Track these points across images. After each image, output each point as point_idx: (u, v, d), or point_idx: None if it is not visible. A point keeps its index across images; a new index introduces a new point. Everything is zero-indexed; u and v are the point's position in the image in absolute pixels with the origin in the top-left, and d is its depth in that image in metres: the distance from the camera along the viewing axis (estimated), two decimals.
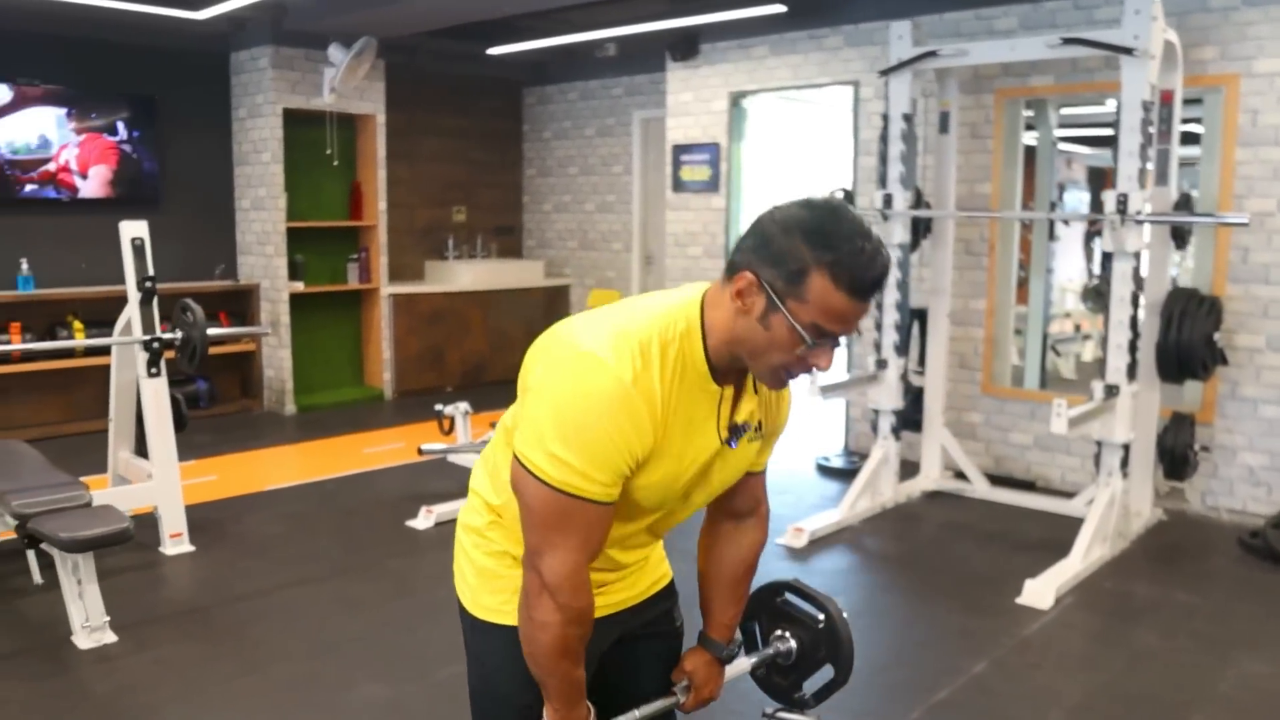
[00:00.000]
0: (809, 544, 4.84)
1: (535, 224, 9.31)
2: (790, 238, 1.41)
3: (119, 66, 7.02)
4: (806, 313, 1.41)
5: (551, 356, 1.49)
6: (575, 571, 1.49)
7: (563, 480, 1.43)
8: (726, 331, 1.48)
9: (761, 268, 1.42)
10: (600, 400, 1.41)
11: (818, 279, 1.39)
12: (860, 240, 1.40)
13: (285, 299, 7.42)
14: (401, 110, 8.29)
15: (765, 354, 1.47)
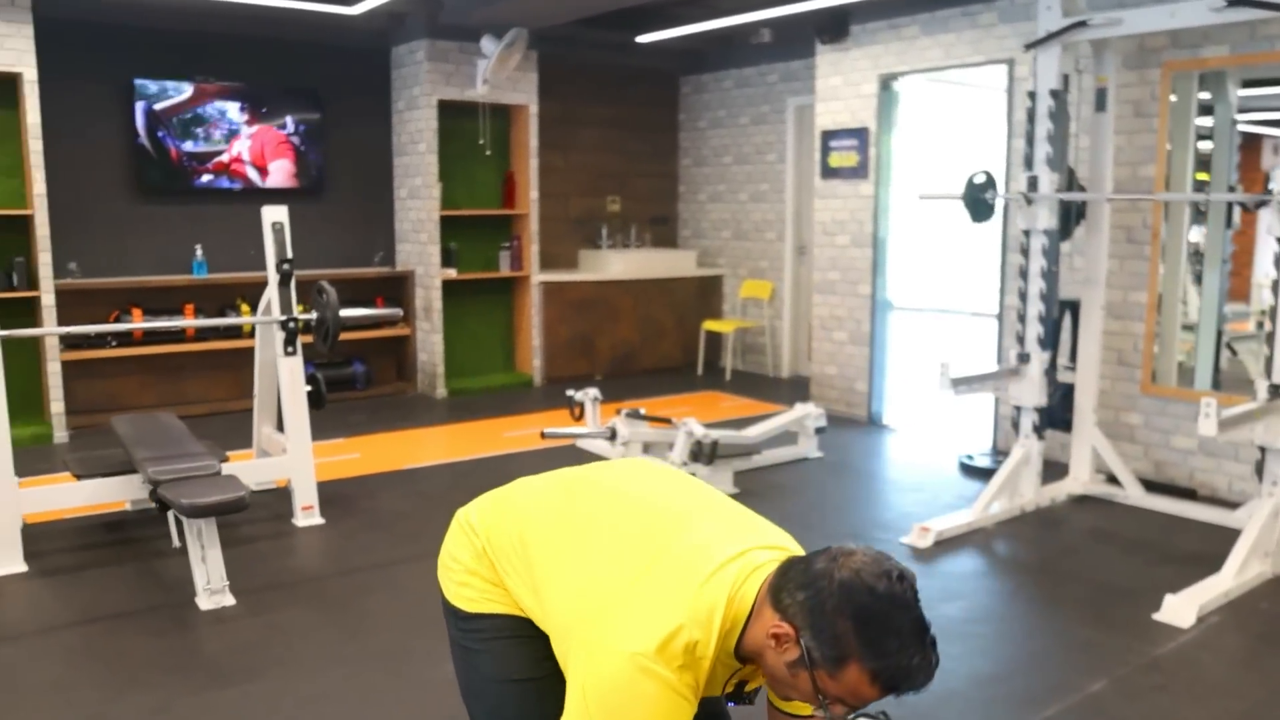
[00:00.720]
0: (935, 545, 4.60)
1: (690, 214, 9.25)
2: (844, 620, 1.38)
3: (289, 63, 7.40)
4: (835, 690, 1.41)
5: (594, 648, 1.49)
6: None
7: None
8: (756, 647, 1.49)
9: (805, 631, 1.41)
10: (648, 704, 1.44)
11: (855, 671, 1.38)
12: (913, 651, 1.38)
13: (438, 285, 7.65)
14: (556, 100, 8.40)
15: (783, 688, 1.49)
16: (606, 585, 1.56)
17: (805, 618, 1.40)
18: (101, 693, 3.25)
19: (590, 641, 1.50)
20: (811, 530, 4.79)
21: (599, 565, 1.60)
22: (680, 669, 1.44)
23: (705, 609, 1.47)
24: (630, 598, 1.51)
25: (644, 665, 1.43)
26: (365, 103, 7.78)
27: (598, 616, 1.52)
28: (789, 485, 5.56)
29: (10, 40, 6.02)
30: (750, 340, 8.81)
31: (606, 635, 1.48)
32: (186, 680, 3.30)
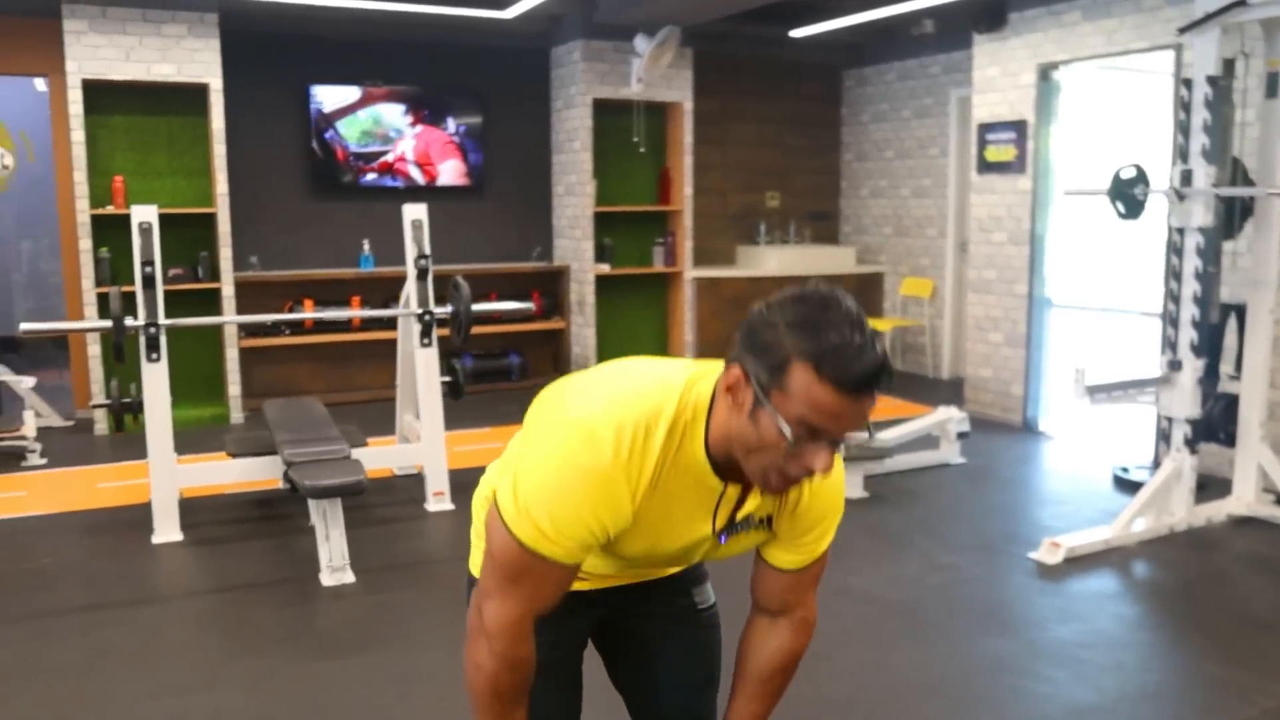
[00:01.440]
0: (1065, 562, 4.35)
1: (852, 210, 9.07)
2: (774, 329, 1.31)
3: (454, 67, 7.72)
4: (792, 407, 1.30)
5: (547, 415, 1.47)
6: (518, 623, 1.48)
7: (528, 537, 1.41)
8: (723, 429, 1.41)
9: (747, 360, 1.34)
10: (579, 474, 1.39)
11: (799, 371, 1.29)
12: (849, 330, 1.29)
13: (591, 280, 7.81)
14: (713, 97, 8.40)
15: (756, 454, 1.37)
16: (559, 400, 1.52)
17: (744, 345, 1.34)
18: (219, 656, 3.52)
19: (541, 415, 1.48)
20: (933, 538, 4.64)
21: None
22: (625, 446, 1.39)
23: (663, 401, 1.42)
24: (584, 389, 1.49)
25: (584, 428, 1.39)
26: (526, 102, 8.01)
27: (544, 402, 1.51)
28: (922, 491, 5.39)
29: (200, 54, 6.55)
30: (910, 340, 8.56)
31: (556, 409, 1.46)
32: (296, 650, 3.53)
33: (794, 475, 1.37)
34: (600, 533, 1.42)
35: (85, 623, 3.77)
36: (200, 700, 3.18)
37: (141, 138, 6.74)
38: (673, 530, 1.50)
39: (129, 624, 3.77)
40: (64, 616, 3.83)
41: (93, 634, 3.67)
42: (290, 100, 7.28)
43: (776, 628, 1.72)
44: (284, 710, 3.12)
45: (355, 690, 3.24)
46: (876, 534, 4.73)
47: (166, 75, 6.50)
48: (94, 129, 6.58)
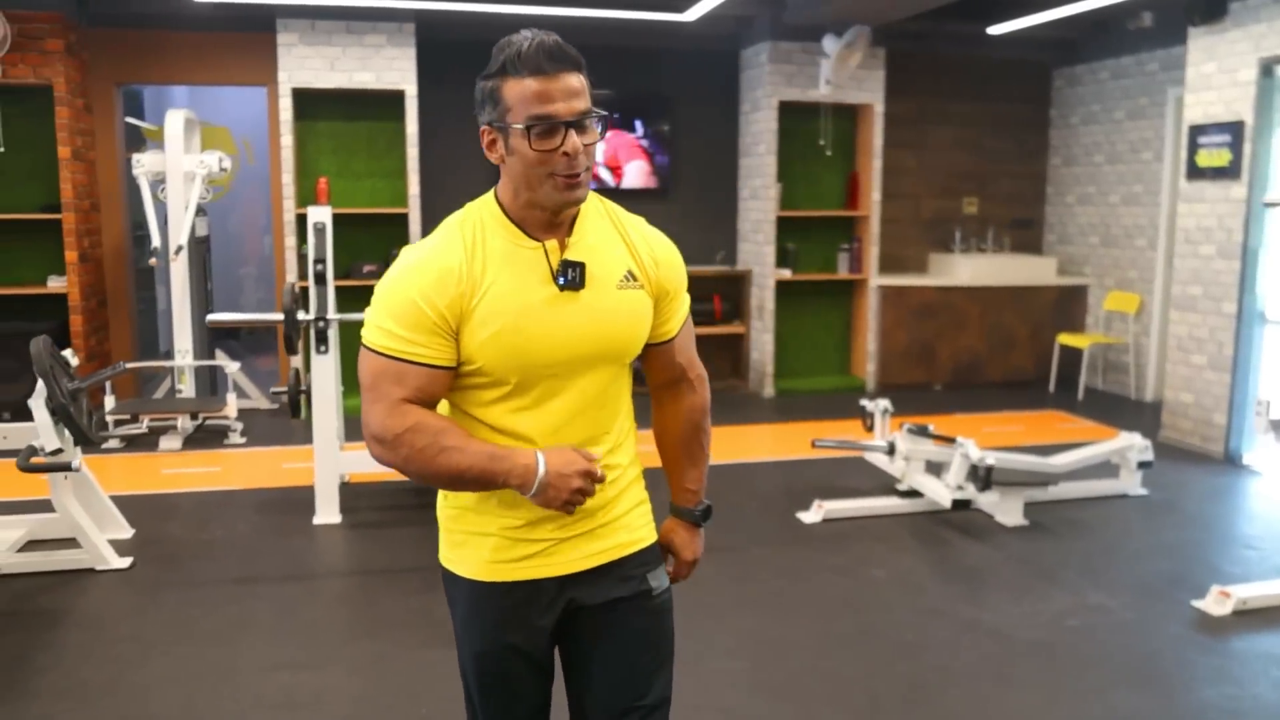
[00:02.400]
0: (1234, 614, 3.93)
1: (1057, 218, 8.52)
2: (482, 80, 1.61)
3: (643, 70, 7.79)
4: (517, 115, 1.56)
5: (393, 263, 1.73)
6: (391, 409, 1.60)
7: (384, 344, 1.61)
8: (510, 188, 1.65)
9: (481, 115, 1.62)
10: (403, 273, 1.62)
11: (506, 84, 1.57)
12: (518, 40, 1.57)
13: (771, 285, 7.71)
14: (909, 98, 8.11)
15: (532, 174, 1.59)
16: None
17: (477, 111, 1.62)
18: (340, 636, 3.73)
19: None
20: (1088, 575, 4.31)
21: None
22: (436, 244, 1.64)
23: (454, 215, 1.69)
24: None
25: (405, 251, 1.67)
26: (714, 105, 8.01)
27: None
28: (1088, 523, 5.00)
29: (397, 62, 6.94)
30: (1114, 358, 7.96)
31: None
32: (409, 637, 3.68)
33: (567, 169, 1.59)
34: (435, 308, 1.58)
35: (234, 594, 4.08)
36: (309, 678, 3.37)
37: (344, 142, 7.21)
38: (515, 299, 1.62)
39: (271, 598, 4.05)
40: (219, 586, 4.16)
41: (238, 604, 3.97)
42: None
43: (679, 392, 1.91)
44: (382, 694, 3.27)
45: (453, 681, 3.34)
46: (1025, 565, 4.43)
47: (366, 83, 6.92)
48: (302, 134, 7.11)
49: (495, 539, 1.72)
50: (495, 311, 1.61)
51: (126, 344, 7.34)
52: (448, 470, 1.59)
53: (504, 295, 1.61)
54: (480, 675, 1.79)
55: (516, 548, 1.71)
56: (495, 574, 1.73)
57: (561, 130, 1.57)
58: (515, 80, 1.56)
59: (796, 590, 4.18)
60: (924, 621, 3.87)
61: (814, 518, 4.98)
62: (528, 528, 1.71)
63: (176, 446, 6.24)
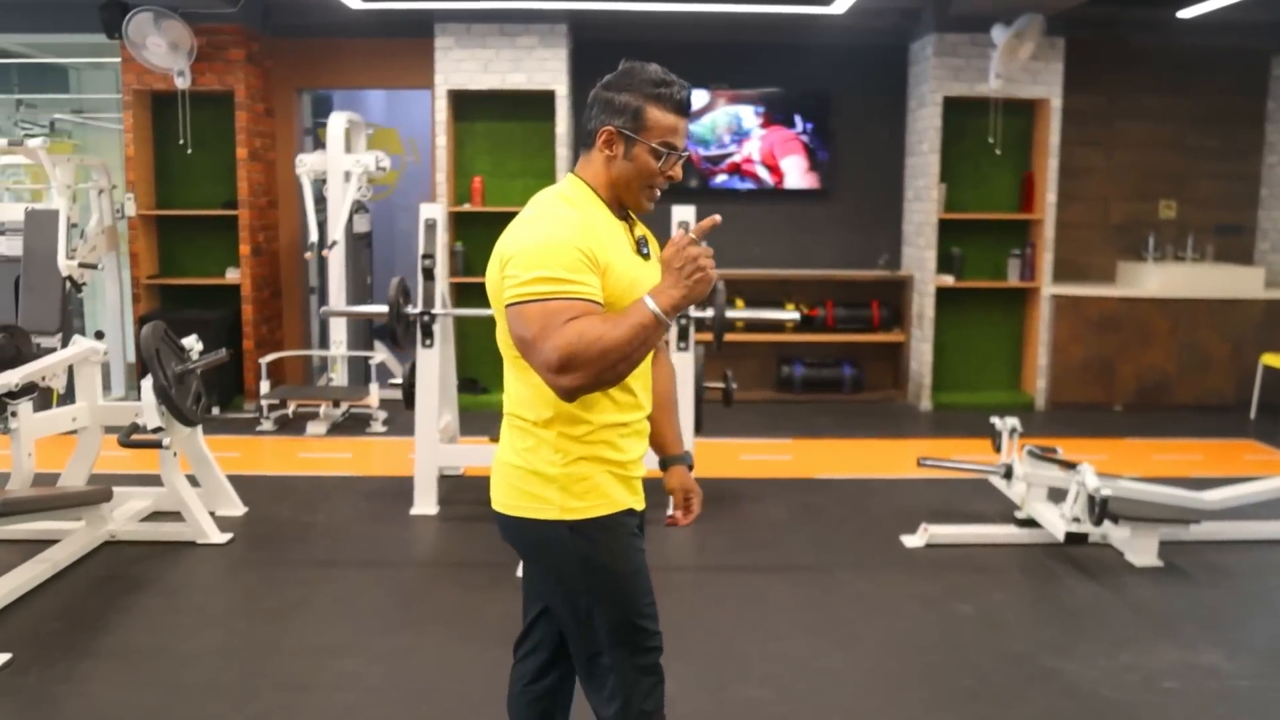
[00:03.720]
0: None
1: (1272, 223, 7.58)
2: (621, 93, 1.95)
3: (804, 66, 7.54)
4: (653, 135, 1.95)
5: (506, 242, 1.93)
6: (564, 330, 1.77)
7: (550, 290, 1.81)
8: (605, 178, 1.99)
9: (613, 121, 1.95)
10: (549, 229, 1.87)
11: (650, 109, 1.94)
12: (663, 76, 1.96)
13: (932, 292, 7.27)
14: (1096, 92, 7.47)
15: (636, 178, 1.97)
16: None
17: (605, 113, 1.96)
18: (385, 624, 3.78)
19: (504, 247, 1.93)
20: (1211, 630, 3.79)
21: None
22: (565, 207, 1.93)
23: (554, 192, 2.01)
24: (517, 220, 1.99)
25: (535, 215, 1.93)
26: (879, 102, 7.64)
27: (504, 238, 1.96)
28: (1237, 570, 4.39)
29: (548, 63, 7.02)
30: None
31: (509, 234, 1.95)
32: (449, 631, 3.68)
33: (661, 187, 2.00)
34: (589, 251, 1.85)
35: (308, 576, 4.22)
36: (342, 664, 3.42)
37: (498, 141, 7.36)
38: (623, 263, 1.93)
39: (340, 582, 4.16)
40: (297, 568, 4.32)
41: (307, 586, 4.10)
42: None
43: (659, 358, 2.26)
44: (404, 684, 3.28)
45: (475, 678, 3.31)
46: (1139, 614, 3.93)
47: (518, 84, 7.04)
48: (461, 134, 7.32)
49: (612, 479, 2.01)
50: (619, 265, 1.92)
51: (297, 333, 7.81)
52: (615, 342, 1.77)
53: (619, 255, 1.93)
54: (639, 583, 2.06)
55: (630, 484, 2.04)
56: (624, 504, 2.03)
57: (676, 159, 1.98)
58: (661, 111, 1.94)
59: (867, 620, 3.88)
60: (995, 667, 3.49)
61: (917, 542, 4.62)
62: (631, 464, 2.04)
63: (321, 432, 6.56)
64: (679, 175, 2.00)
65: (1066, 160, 7.41)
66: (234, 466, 5.57)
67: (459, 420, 5.74)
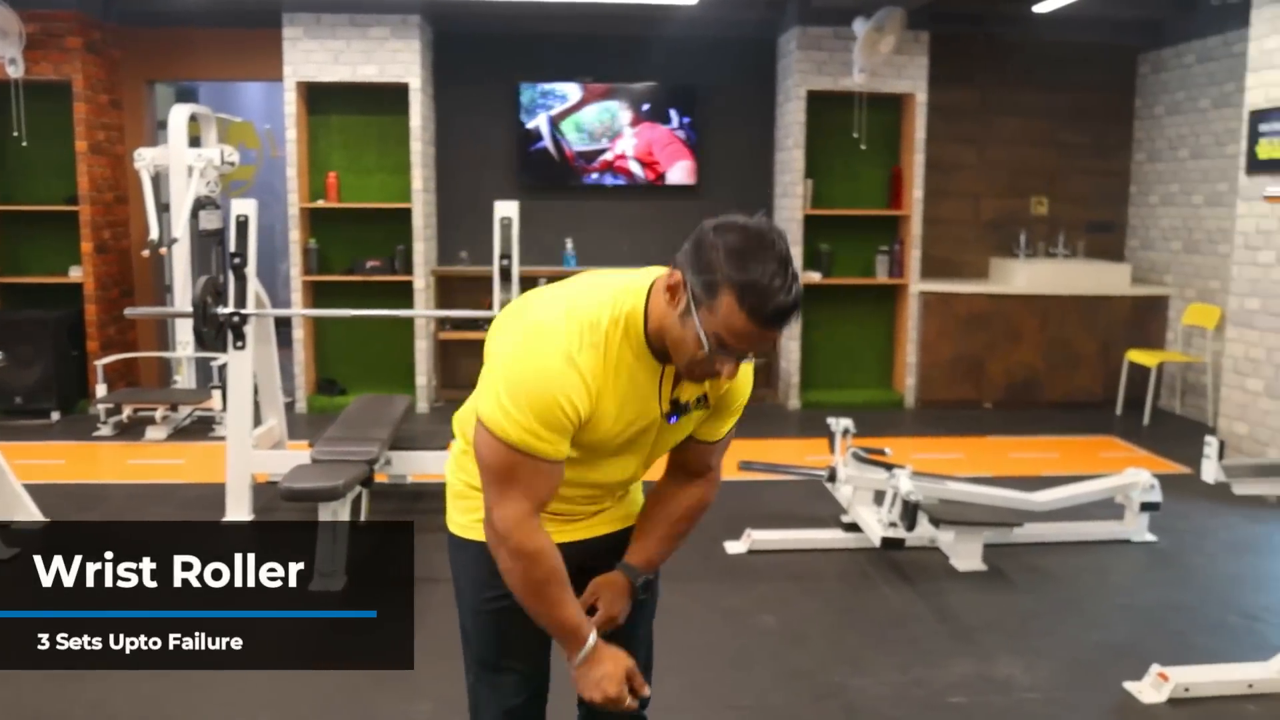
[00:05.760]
0: (1169, 703, 3.24)
1: (1140, 220, 7.57)
2: (715, 251, 1.60)
3: (671, 61, 7.36)
4: (712, 323, 1.61)
5: (510, 327, 1.74)
6: (524, 519, 1.70)
7: (517, 438, 1.66)
8: (658, 319, 1.69)
9: (689, 271, 1.63)
10: (547, 370, 1.65)
11: (726, 296, 1.58)
12: (776, 268, 1.58)
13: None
14: (968, 87, 7.40)
15: (679, 347, 1.67)
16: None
17: (688, 257, 1.64)
18: None
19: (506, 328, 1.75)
20: (1014, 639, 3.69)
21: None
22: (578, 339, 1.66)
23: (605, 301, 1.70)
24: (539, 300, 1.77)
25: (543, 328, 1.67)
26: (749, 97, 7.50)
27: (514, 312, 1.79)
28: (1060, 573, 4.30)
29: (401, 54, 6.78)
30: (1193, 379, 6.99)
31: (517, 319, 1.74)
32: None
33: (706, 373, 1.70)
34: (574, 414, 1.66)
35: None
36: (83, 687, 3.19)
37: (353, 136, 7.11)
38: (624, 411, 1.73)
39: None
40: None
41: None
42: (501, 98, 7.32)
43: (695, 482, 2.00)
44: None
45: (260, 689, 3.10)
46: (946, 622, 3.82)
47: (370, 76, 6.79)
48: (314, 128, 7.05)
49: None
50: (611, 418, 1.73)
51: (151, 334, 7.49)
52: (535, 608, 1.76)
53: (621, 405, 1.73)
54: (483, 625, 1.95)
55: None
56: None
57: (733, 359, 1.65)
58: (739, 309, 1.59)
59: (661, 637, 3.69)
60: (778, 685, 3.35)
61: (740, 548, 4.48)
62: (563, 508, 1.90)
63: (161, 437, 6.27)
64: (726, 375, 1.68)
65: (938, 156, 7.33)
66: (57, 474, 5.31)
67: (285, 424, 5.50)
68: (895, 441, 5.67)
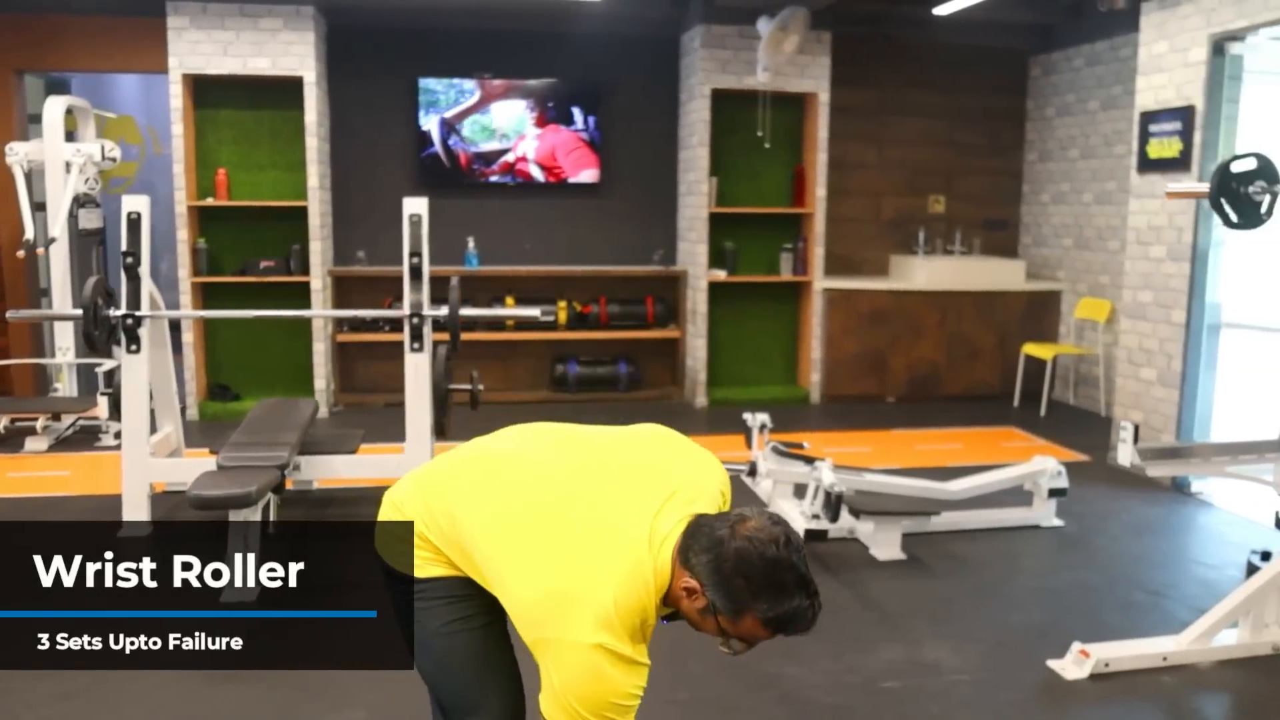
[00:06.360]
0: (1092, 679, 3.32)
1: (1033, 218, 7.81)
2: (739, 580, 1.67)
3: (575, 58, 7.28)
4: (735, 630, 1.72)
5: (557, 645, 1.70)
6: None
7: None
8: (676, 597, 1.75)
9: (709, 586, 1.69)
10: (628, 687, 1.70)
11: (751, 619, 1.69)
12: (799, 600, 1.68)
13: (705, 287, 7.16)
14: (868, 87, 7.53)
15: (694, 623, 1.76)
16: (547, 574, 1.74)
17: (708, 576, 1.69)
18: None
19: (552, 640, 1.70)
20: (940, 624, 3.72)
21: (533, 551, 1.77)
22: (634, 643, 1.70)
23: (641, 589, 1.71)
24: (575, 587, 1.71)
25: (607, 651, 1.68)
26: (653, 95, 7.48)
27: (550, 611, 1.71)
28: (976, 559, 4.38)
29: (295, 47, 6.55)
30: (1085, 370, 7.24)
31: (567, 631, 1.69)
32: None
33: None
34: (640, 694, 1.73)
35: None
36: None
37: (244, 131, 6.84)
38: None
39: None
40: None
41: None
42: (399, 93, 7.14)
43: None
44: None
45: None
46: (872, 610, 3.85)
47: (262, 69, 6.54)
48: (202, 123, 6.76)
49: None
50: None
51: (24, 340, 7.07)
52: None
53: None
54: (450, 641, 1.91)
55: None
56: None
57: (742, 650, 1.76)
58: (762, 626, 1.69)
59: None
60: (715, 677, 3.30)
61: None
62: None
63: (42, 448, 5.91)
64: (736, 654, 1.78)
65: (839, 155, 7.43)
66: None
67: (182, 431, 5.24)
68: (803, 436, 5.71)
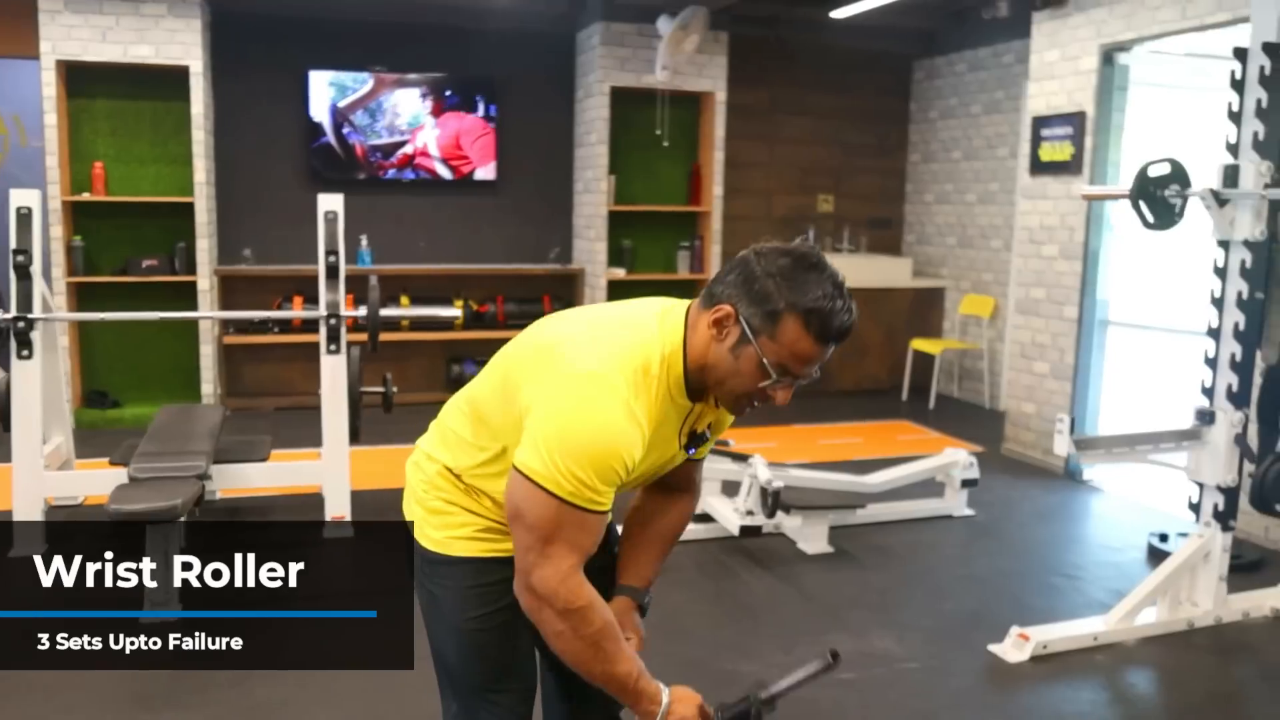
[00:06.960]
0: (1032, 661, 3.46)
1: (916, 217, 8.10)
2: (771, 280, 1.59)
3: (470, 52, 7.15)
4: (775, 351, 1.60)
5: (552, 377, 1.62)
6: (569, 574, 1.61)
7: (574, 493, 1.58)
8: (700, 356, 1.65)
9: (741, 303, 1.61)
10: (608, 425, 1.58)
11: (790, 322, 1.59)
12: (833, 294, 1.60)
13: (603, 285, 7.15)
14: (760, 87, 7.64)
15: (729, 381, 1.64)
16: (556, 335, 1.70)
17: (738, 289, 1.60)
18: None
19: (544, 381, 1.62)
20: (880, 614, 3.81)
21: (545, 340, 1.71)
22: (633, 392, 1.59)
23: (650, 340, 1.64)
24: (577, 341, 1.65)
25: (599, 380, 1.59)
26: (549, 92, 7.41)
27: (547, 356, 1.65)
28: (899, 550, 4.51)
29: (180, 34, 6.23)
30: (969, 365, 7.55)
31: (560, 366, 1.61)
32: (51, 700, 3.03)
33: (757, 403, 1.66)
34: (630, 466, 1.61)
35: None
36: None
37: (124, 122, 6.45)
38: (661, 450, 1.72)
39: None
40: None
41: None
42: (289, 86, 6.88)
43: (677, 497, 1.96)
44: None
45: None
46: (812, 603, 3.91)
47: (144, 57, 6.20)
48: (77, 113, 6.36)
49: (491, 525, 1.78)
50: (648, 455, 1.67)
51: None
52: (592, 668, 1.66)
53: (652, 447, 1.67)
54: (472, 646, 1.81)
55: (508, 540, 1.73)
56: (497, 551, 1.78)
57: (791, 384, 1.64)
58: (803, 330, 1.59)
59: None
60: (671, 676, 3.27)
61: None
62: None
63: None
64: (782, 401, 1.66)
65: (733, 154, 7.52)
66: None
67: (72, 442, 4.92)
68: None
